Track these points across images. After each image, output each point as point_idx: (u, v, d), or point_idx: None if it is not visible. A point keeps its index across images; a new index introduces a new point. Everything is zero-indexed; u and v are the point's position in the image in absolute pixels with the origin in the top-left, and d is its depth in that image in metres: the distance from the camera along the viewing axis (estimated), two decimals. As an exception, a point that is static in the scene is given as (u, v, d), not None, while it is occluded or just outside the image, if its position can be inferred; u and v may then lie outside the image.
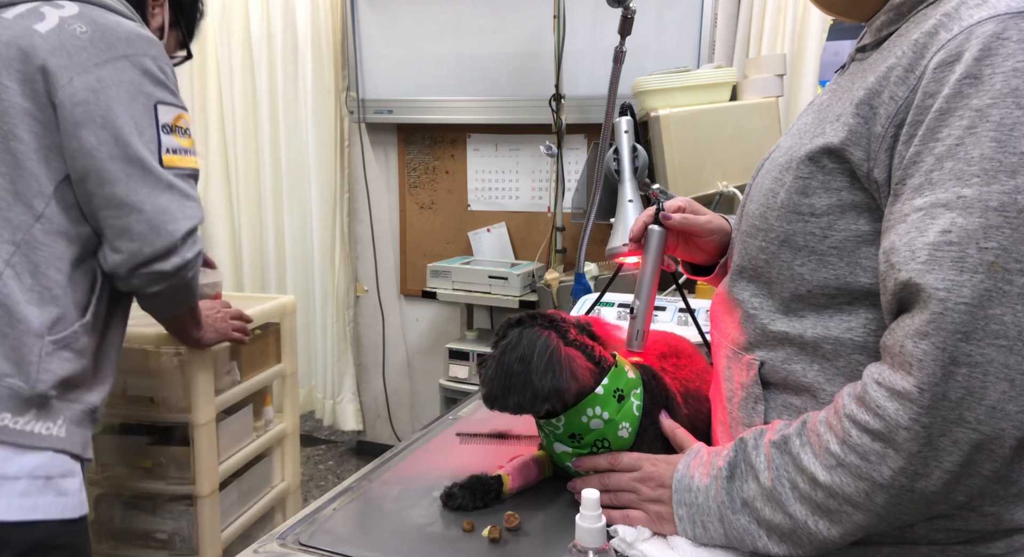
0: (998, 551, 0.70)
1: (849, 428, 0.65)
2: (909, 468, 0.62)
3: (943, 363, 0.59)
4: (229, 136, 3.01)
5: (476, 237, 2.92)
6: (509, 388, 0.84)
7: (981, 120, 0.61)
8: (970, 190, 0.61)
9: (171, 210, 1.08)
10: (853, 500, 0.65)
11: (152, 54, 1.10)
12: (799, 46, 2.35)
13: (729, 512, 0.73)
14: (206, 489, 1.78)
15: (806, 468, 0.68)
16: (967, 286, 0.59)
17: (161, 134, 1.09)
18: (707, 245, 1.01)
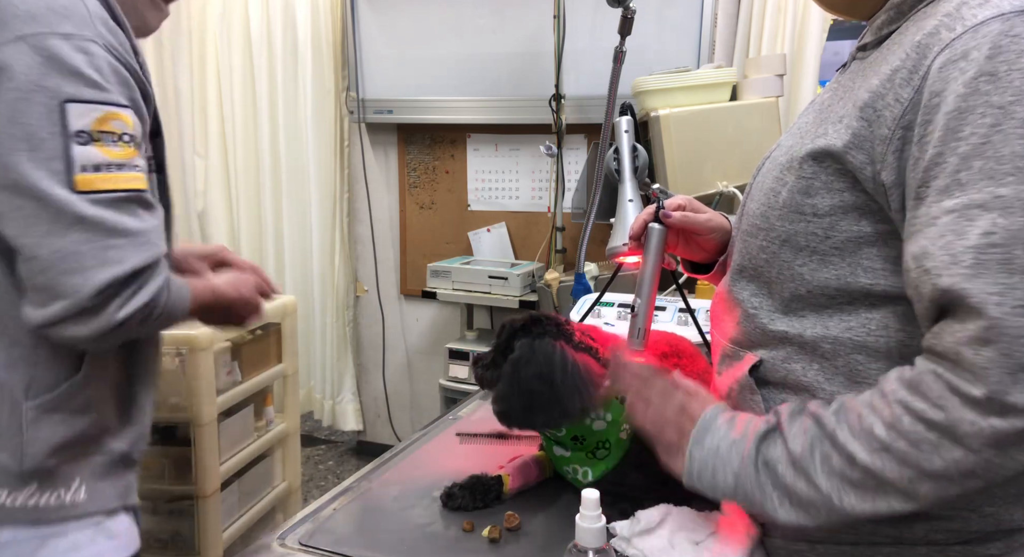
0: (996, 551, 0.70)
1: (901, 414, 0.62)
2: (965, 464, 0.59)
3: (1011, 370, 0.56)
4: (229, 136, 3.01)
5: (476, 237, 2.92)
6: (531, 407, 0.84)
7: (1006, 117, 0.60)
8: (1007, 189, 0.59)
9: (79, 255, 0.78)
10: (894, 484, 0.62)
11: (64, 31, 0.79)
12: (799, 46, 2.35)
13: (751, 466, 0.70)
14: (207, 489, 1.79)
15: (843, 445, 0.65)
16: (1020, 289, 0.57)
17: (72, 145, 0.78)
18: (707, 243, 1.01)
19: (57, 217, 0.78)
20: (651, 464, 0.89)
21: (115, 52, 0.83)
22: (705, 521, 0.84)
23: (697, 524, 0.83)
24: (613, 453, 0.89)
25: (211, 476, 1.79)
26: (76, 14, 0.81)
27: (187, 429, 1.75)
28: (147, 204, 0.85)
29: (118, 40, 0.85)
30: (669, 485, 0.89)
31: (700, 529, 0.83)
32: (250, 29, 2.90)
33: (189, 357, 1.70)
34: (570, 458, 0.91)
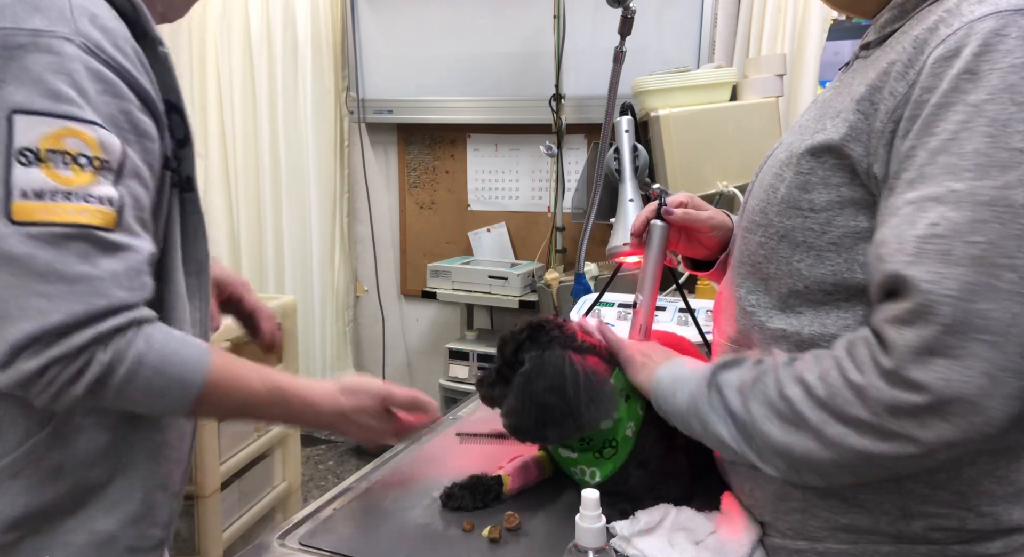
0: (996, 550, 0.70)
1: (831, 368, 0.66)
2: (866, 422, 0.63)
3: (919, 350, 0.59)
4: (229, 136, 3.01)
5: (476, 237, 2.92)
6: (544, 421, 0.83)
7: (976, 115, 0.61)
8: (961, 184, 0.61)
9: (2, 302, 0.65)
10: (808, 422, 0.67)
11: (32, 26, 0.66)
12: (799, 46, 2.35)
13: (705, 386, 0.76)
14: (208, 489, 1.79)
15: (780, 382, 0.70)
16: (952, 279, 0.59)
17: (13, 166, 0.65)
18: (708, 240, 1.01)
19: None
20: (654, 462, 0.89)
21: (102, 54, 0.69)
22: (705, 521, 0.84)
23: (697, 524, 0.83)
24: (620, 451, 0.89)
25: (211, 476, 1.79)
26: (52, 6, 0.67)
27: (187, 429, 1.75)
28: (103, 244, 0.68)
29: (111, 38, 0.71)
30: (671, 482, 0.90)
31: (700, 529, 0.83)
32: (250, 29, 2.90)
33: (189, 357, 1.70)
34: (577, 459, 0.91)
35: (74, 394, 0.67)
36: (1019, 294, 0.58)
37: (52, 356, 0.65)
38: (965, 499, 0.70)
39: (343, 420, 0.87)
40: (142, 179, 0.73)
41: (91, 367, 0.67)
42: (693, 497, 0.90)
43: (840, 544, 0.75)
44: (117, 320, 0.68)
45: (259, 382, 0.79)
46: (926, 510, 0.71)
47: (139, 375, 0.70)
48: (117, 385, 0.69)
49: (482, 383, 0.94)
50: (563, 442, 0.87)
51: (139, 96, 0.73)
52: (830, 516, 0.75)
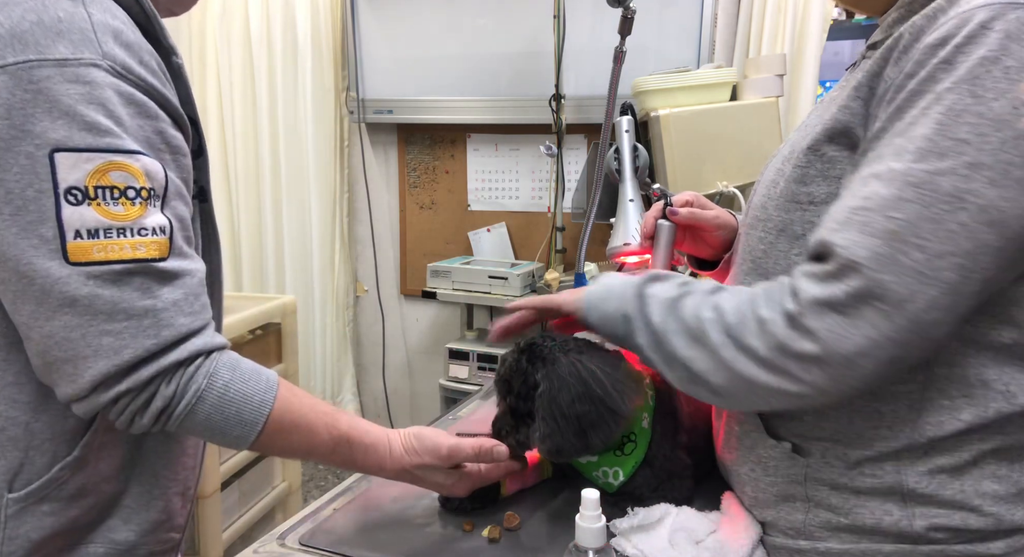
0: (998, 551, 0.70)
1: (747, 300, 0.71)
2: (759, 352, 0.68)
3: (822, 307, 0.64)
4: (229, 136, 3.01)
5: (476, 237, 2.92)
6: (583, 431, 0.81)
7: (936, 103, 0.63)
8: (899, 165, 0.64)
9: (70, 342, 0.65)
10: (709, 341, 0.72)
11: (58, 56, 0.63)
12: (799, 46, 2.34)
13: (631, 296, 0.80)
14: (207, 489, 1.79)
15: (699, 304, 0.75)
16: (864, 248, 0.63)
17: (63, 206, 0.63)
18: (713, 240, 1.02)
19: (44, 297, 0.64)
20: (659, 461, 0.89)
21: (130, 75, 0.67)
22: (705, 521, 0.84)
23: (697, 524, 0.83)
24: (640, 445, 0.88)
25: (211, 476, 1.79)
26: (74, 28, 0.64)
27: (187, 429, 1.75)
28: (161, 275, 0.68)
29: (137, 55, 0.68)
30: (674, 481, 0.89)
31: (700, 528, 0.83)
32: (250, 29, 2.90)
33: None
34: (598, 462, 0.89)
35: (143, 424, 0.70)
36: (922, 274, 0.61)
37: (121, 390, 0.67)
38: (967, 499, 0.70)
39: (409, 476, 0.86)
40: (183, 197, 0.73)
41: (155, 400, 0.69)
42: (693, 497, 0.91)
43: (842, 544, 0.75)
44: (180, 353, 0.69)
45: (324, 429, 0.79)
46: (928, 510, 0.71)
47: (199, 411, 0.71)
48: (179, 418, 0.70)
49: (503, 435, 0.90)
50: (608, 443, 0.84)
51: (168, 112, 0.72)
52: (832, 516, 0.75)
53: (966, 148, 0.61)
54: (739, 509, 0.85)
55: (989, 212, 0.61)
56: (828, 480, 0.75)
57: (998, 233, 0.61)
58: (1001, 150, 0.61)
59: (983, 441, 0.70)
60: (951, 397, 0.70)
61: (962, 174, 0.61)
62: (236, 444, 0.74)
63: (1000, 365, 0.69)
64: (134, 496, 0.80)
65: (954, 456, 0.70)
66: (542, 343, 0.88)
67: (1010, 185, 0.61)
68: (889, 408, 0.72)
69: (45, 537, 0.73)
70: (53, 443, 0.73)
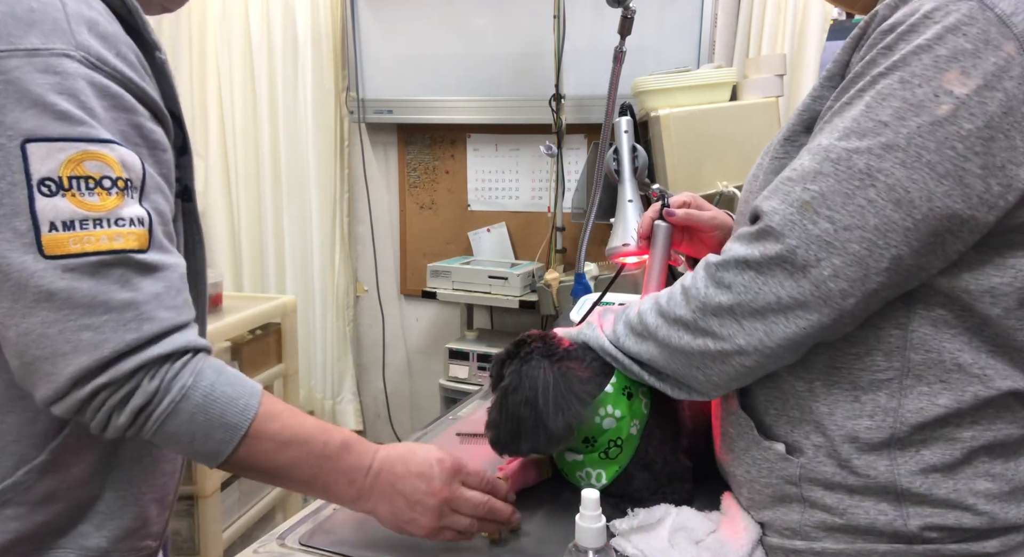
0: (992, 549, 0.70)
1: (679, 283, 0.79)
2: (684, 317, 0.75)
3: (740, 263, 0.71)
4: (229, 136, 3.01)
5: (476, 237, 2.92)
6: (519, 433, 0.84)
7: (870, 86, 0.67)
8: (826, 141, 0.68)
9: (48, 339, 0.63)
10: (648, 329, 0.80)
11: (28, 46, 0.62)
12: (799, 46, 2.35)
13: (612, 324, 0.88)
14: (207, 489, 1.79)
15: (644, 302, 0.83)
16: (779, 214, 0.69)
17: (36, 198, 0.62)
18: (711, 240, 1.02)
19: (19, 293, 0.62)
20: (659, 464, 0.89)
21: (105, 66, 0.65)
22: (705, 521, 0.84)
23: (697, 524, 0.83)
24: (625, 450, 0.89)
25: (211, 476, 1.79)
26: (47, 19, 0.62)
27: (187, 429, 1.75)
28: (141, 266, 0.66)
29: (113, 46, 0.67)
30: (674, 484, 0.90)
31: (700, 528, 0.83)
32: (250, 29, 2.90)
33: (189, 357, 1.70)
34: (583, 462, 0.91)
35: (120, 424, 0.66)
36: (828, 244, 0.66)
37: (100, 384, 0.64)
38: (961, 498, 0.70)
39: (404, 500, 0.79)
40: (163, 192, 0.72)
41: (135, 396, 0.65)
42: (693, 497, 0.91)
43: (837, 544, 0.75)
44: (164, 347, 0.66)
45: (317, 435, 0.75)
46: (922, 509, 0.71)
47: (182, 411, 0.67)
48: (159, 417, 0.67)
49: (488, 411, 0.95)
50: (536, 453, 0.88)
51: (147, 106, 0.70)
52: (827, 516, 0.76)
53: (884, 130, 0.65)
54: (739, 509, 0.85)
55: (896, 191, 0.64)
56: (822, 480, 0.76)
57: (905, 213, 0.64)
58: (917, 134, 0.64)
59: (974, 438, 0.70)
60: (928, 383, 0.71)
61: (876, 154, 0.65)
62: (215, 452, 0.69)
63: (975, 350, 0.70)
64: (108, 502, 0.77)
65: (945, 453, 0.71)
66: (530, 341, 0.89)
67: (920, 168, 0.64)
68: (869, 397, 0.73)
69: (9, 541, 0.70)
70: (19, 445, 0.70)
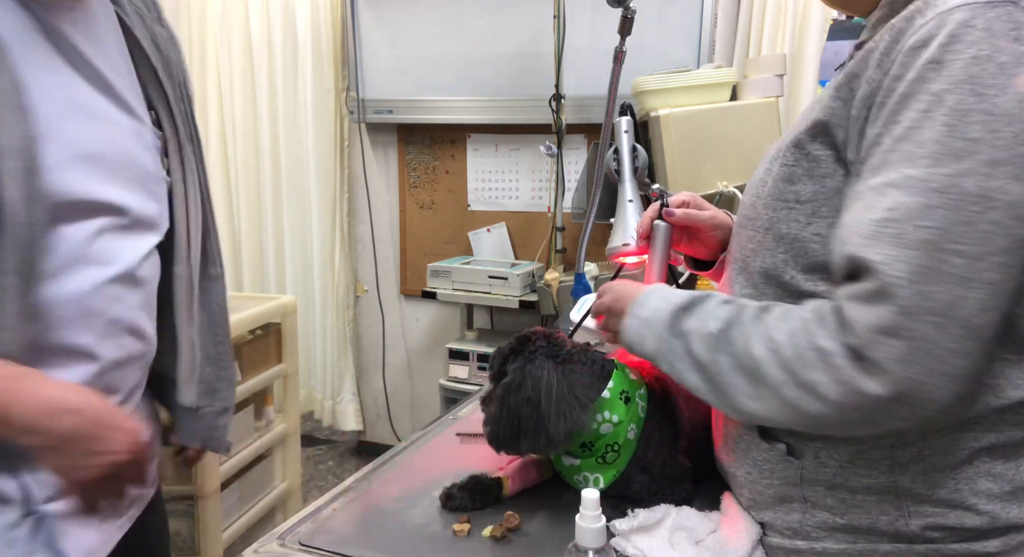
0: (994, 549, 0.70)
1: (799, 329, 0.68)
2: (823, 388, 0.65)
3: (880, 333, 0.61)
4: (229, 136, 3.01)
5: (476, 237, 2.92)
6: (519, 432, 0.84)
7: (937, 104, 0.63)
8: (917, 171, 0.63)
9: None
10: (769, 380, 0.69)
11: None
12: (799, 46, 2.35)
13: (668, 333, 0.78)
14: (207, 489, 1.79)
15: (748, 336, 0.71)
16: (903, 262, 0.61)
17: None
18: (710, 240, 1.02)
19: None
20: (657, 466, 0.89)
21: None
22: (705, 520, 0.84)
23: (697, 523, 0.83)
24: (623, 455, 0.89)
25: (211, 476, 1.79)
26: None
27: (187, 429, 1.75)
28: None
29: None
30: (674, 486, 0.90)
31: (700, 528, 0.83)
32: (250, 29, 2.90)
33: (189, 357, 1.70)
34: (580, 466, 0.91)
35: None
36: (964, 278, 0.60)
37: None
38: (963, 498, 0.70)
39: None
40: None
41: None
42: (693, 497, 0.91)
43: (839, 544, 0.75)
44: None
45: None
46: (924, 509, 0.71)
47: None
48: None
49: (483, 401, 0.95)
50: (535, 453, 0.88)
51: None
52: (829, 516, 0.75)
53: (980, 147, 0.61)
54: (739, 509, 0.85)
55: (1018, 207, 0.61)
56: (824, 480, 0.76)
57: None
58: (1015, 144, 0.61)
59: (976, 439, 0.70)
60: None
61: (983, 173, 0.61)
62: None
63: (992, 360, 0.69)
64: None
65: (948, 454, 0.71)
66: (535, 339, 0.89)
67: None
68: None
69: None
70: None
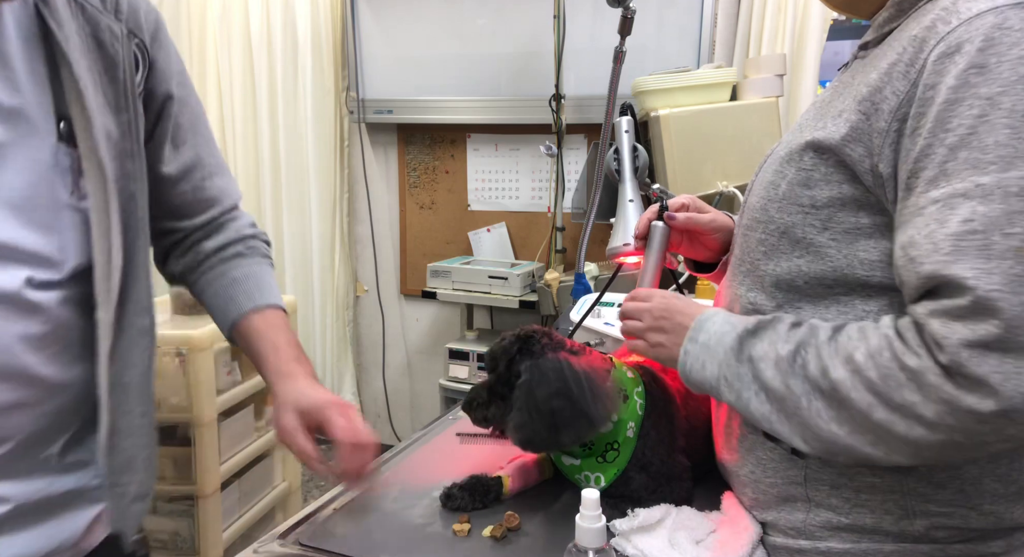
0: (998, 549, 0.70)
1: (882, 348, 0.64)
2: (920, 409, 0.61)
3: (978, 348, 0.58)
4: (229, 136, 3.01)
5: (476, 237, 2.92)
6: (556, 427, 0.83)
7: (992, 108, 0.61)
8: (988, 178, 0.60)
9: None
10: (854, 404, 0.65)
11: None
12: (799, 46, 2.35)
13: (734, 358, 0.75)
14: (207, 489, 1.79)
15: (823, 358, 0.68)
16: (996, 273, 0.58)
17: None
18: (711, 242, 1.01)
19: None
20: (656, 465, 0.89)
21: None
22: (706, 520, 0.84)
23: (698, 523, 0.83)
24: (623, 453, 0.89)
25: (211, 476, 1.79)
26: None
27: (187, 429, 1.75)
28: None
29: None
30: (672, 484, 0.90)
31: (700, 528, 0.83)
32: (250, 29, 2.90)
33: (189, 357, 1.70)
34: (581, 466, 0.91)
35: None
36: None
37: None
38: (967, 498, 0.70)
39: None
40: None
41: None
42: (693, 497, 0.91)
43: (843, 544, 0.75)
44: None
45: None
46: (928, 509, 0.71)
47: None
48: None
49: (472, 406, 0.93)
50: (577, 443, 0.86)
51: None
52: (832, 516, 0.75)
53: None
54: (739, 509, 0.85)
55: None
56: (828, 480, 0.76)
57: None
58: None
59: None
60: None
61: None
62: None
63: None
64: None
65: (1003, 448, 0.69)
66: (538, 337, 0.89)
67: None
68: None
69: None
70: None
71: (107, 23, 0.75)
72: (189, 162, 0.90)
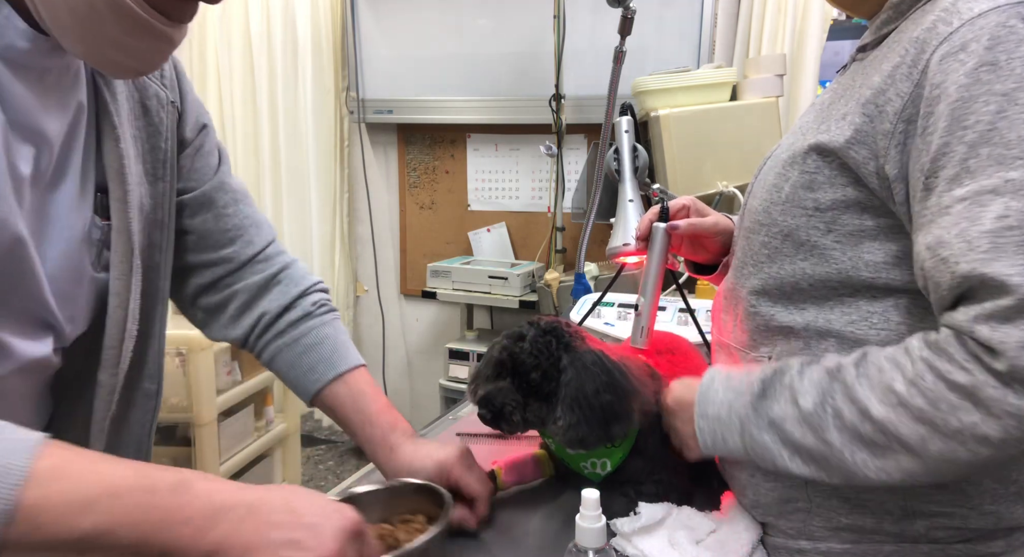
0: (998, 549, 0.70)
1: (924, 371, 0.60)
2: (983, 428, 0.57)
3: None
4: (229, 136, 3.01)
5: (476, 237, 2.92)
6: (606, 421, 0.82)
7: (1010, 104, 0.60)
8: (1017, 173, 0.59)
9: None
10: (905, 441, 0.61)
11: None
12: (799, 46, 2.35)
13: (753, 428, 0.71)
14: (206, 489, 1.79)
15: (858, 399, 0.64)
16: None
17: None
18: (712, 245, 1.01)
19: None
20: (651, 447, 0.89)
21: None
22: (706, 520, 0.84)
23: (698, 523, 0.83)
24: (629, 437, 0.88)
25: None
26: None
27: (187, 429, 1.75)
28: None
29: None
30: (667, 470, 0.89)
31: (701, 528, 0.83)
32: (250, 29, 2.90)
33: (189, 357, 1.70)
34: (588, 453, 0.90)
35: None
36: None
37: None
38: (967, 498, 0.70)
39: None
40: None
41: None
42: (694, 496, 0.90)
43: (843, 544, 0.75)
44: None
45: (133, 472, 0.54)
46: (928, 509, 0.71)
47: None
48: None
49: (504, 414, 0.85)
50: (625, 434, 0.85)
51: None
52: (833, 516, 0.75)
53: None
54: (739, 509, 0.85)
55: None
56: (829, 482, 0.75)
57: None
58: None
59: None
60: None
61: None
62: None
63: None
64: None
65: None
66: (565, 328, 0.87)
67: None
68: None
69: None
70: None
71: (155, 90, 0.72)
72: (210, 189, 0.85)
